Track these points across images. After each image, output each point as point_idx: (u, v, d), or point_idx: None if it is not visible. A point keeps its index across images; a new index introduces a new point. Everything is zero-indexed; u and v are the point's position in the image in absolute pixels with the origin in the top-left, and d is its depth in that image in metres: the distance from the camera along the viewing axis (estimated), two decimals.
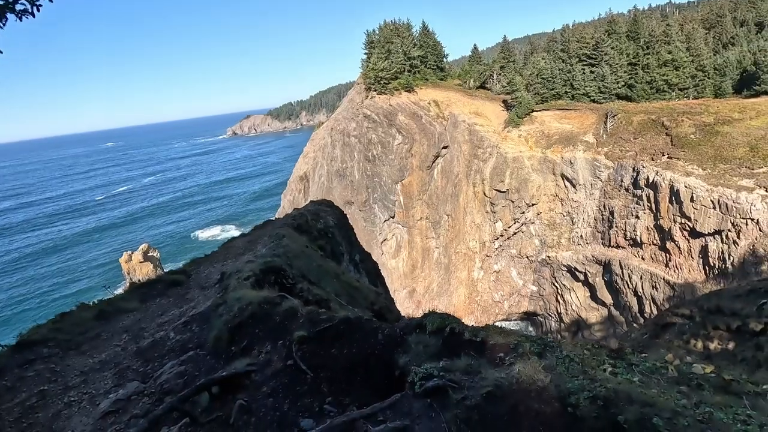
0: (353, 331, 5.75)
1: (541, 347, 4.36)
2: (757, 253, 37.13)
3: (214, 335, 6.68)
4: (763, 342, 10.80)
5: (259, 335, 6.40)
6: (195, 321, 7.83)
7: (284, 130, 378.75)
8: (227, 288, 7.76)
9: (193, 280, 11.21)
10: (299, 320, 6.29)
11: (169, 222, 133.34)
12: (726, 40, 76.87)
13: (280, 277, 8.37)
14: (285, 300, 6.86)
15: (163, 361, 6.91)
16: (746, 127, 44.37)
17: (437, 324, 5.12)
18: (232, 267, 9.39)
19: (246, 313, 6.64)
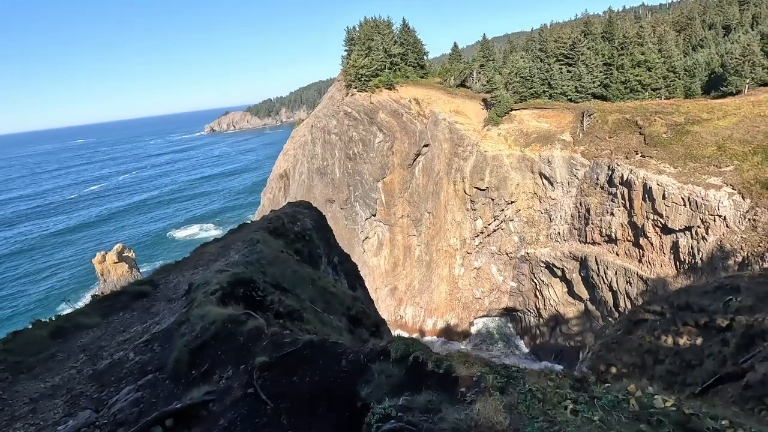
0: (317, 356, 5.56)
1: (505, 380, 4.25)
2: (724, 248, 38.52)
3: (175, 357, 6.37)
4: (728, 337, 11.12)
5: (221, 358, 6.14)
6: (157, 339, 7.43)
7: (264, 127, 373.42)
8: (192, 303, 7.40)
9: (161, 291, 10.67)
10: (263, 342, 6.05)
11: (145, 221, 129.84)
12: (695, 43, 79.34)
13: (250, 290, 8.03)
14: (250, 318, 6.58)
15: (120, 386, 6.54)
16: (714, 127, 45.89)
17: (401, 351, 4.99)
18: (201, 277, 8.97)
19: (209, 332, 6.37)
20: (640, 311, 16.61)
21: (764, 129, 42.13)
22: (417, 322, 63.61)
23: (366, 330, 10.66)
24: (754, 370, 8.47)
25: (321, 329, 7.95)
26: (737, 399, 8.39)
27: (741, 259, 36.60)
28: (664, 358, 12.15)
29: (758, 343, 8.96)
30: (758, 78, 57.84)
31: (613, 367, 14.75)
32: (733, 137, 43.04)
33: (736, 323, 10.11)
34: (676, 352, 12.04)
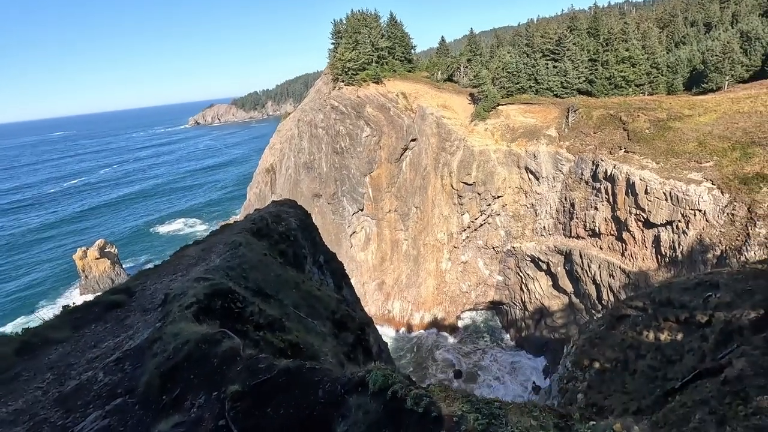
0: (292, 385, 5.35)
1: (487, 420, 4.10)
2: (704, 242, 39.45)
3: (146, 380, 6.13)
4: (708, 333, 11.34)
5: (194, 382, 5.86)
6: (129, 358, 7.11)
7: (249, 120, 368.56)
8: (167, 317, 7.09)
9: (137, 300, 10.26)
10: (237, 367, 5.82)
11: (127, 217, 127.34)
12: (678, 39, 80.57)
13: (228, 301, 7.73)
14: (225, 338, 6.34)
15: (87, 411, 6.18)
16: (695, 123, 46.77)
17: (380, 384, 4.78)
18: (178, 287, 8.59)
19: (181, 353, 6.10)
20: (623, 307, 16.83)
21: (743, 125, 43.09)
22: (404, 316, 63.92)
23: (351, 333, 10.58)
24: (732, 366, 8.64)
25: (304, 337, 7.75)
26: (715, 394, 8.56)
27: (719, 253, 37.55)
28: (646, 353, 12.37)
29: (736, 338, 9.16)
30: (737, 75, 59.11)
31: (596, 362, 14.97)
32: (713, 133, 43.93)
33: (715, 319, 10.32)
34: (657, 347, 12.26)
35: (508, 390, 51.10)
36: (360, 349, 10.94)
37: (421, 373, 54.78)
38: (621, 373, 12.59)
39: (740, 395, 7.37)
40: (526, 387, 50.87)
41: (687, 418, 7.96)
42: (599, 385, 13.05)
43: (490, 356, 57.21)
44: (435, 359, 57.47)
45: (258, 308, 7.79)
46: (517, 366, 54.88)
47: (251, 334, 7.24)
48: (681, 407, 8.36)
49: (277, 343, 7.24)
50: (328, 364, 7.08)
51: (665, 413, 8.79)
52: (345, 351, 9.66)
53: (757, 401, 6.63)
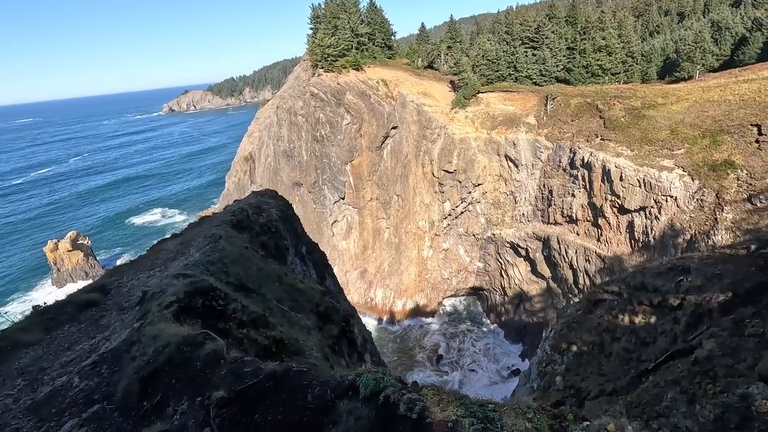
0: (280, 390, 5.15)
1: (482, 425, 4.01)
2: (675, 227, 40.93)
3: (124, 386, 5.85)
4: (679, 316, 11.82)
5: (176, 387, 5.62)
6: (106, 361, 6.71)
7: (227, 107, 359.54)
8: (146, 317, 6.84)
9: (113, 298, 9.78)
10: (221, 370, 5.59)
11: (102, 207, 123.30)
12: (652, 29, 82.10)
13: (210, 299, 7.47)
14: (208, 340, 6.10)
15: (62, 419, 5.80)
16: (668, 112, 48.03)
17: (371, 388, 4.65)
18: (156, 284, 8.28)
19: (162, 357, 5.86)
20: (599, 291, 17.31)
21: (712, 114, 44.49)
22: (387, 304, 64.43)
23: (335, 326, 10.55)
24: (702, 347, 9.05)
25: (288, 332, 7.62)
26: (686, 374, 8.97)
27: (689, 237, 39.04)
28: (621, 336, 12.83)
29: (706, 321, 9.59)
30: (708, 64, 60.78)
31: (574, 345, 15.44)
32: (684, 121, 45.23)
33: (686, 302, 10.77)
34: (632, 330, 12.72)
35: (487, 373, 52.44)
36: (345, 341, 10.94)
37: (404, 360, 55.58)
38: (597, 355, 13.04)
39: (709, 375, 7.76)
40: (506, 370, 52.29)
41: (660, 398, 8.35)
42: (576, 367, 13.50)
43: (470, 341, 58.42)
44: (418, 346, 58.34)
45: (240, 305, 7.56)
46: (497, 350, 56.27)
47: (234, 333, 7.05)
48: (654, 387, 8.75)
49: (261, 340, 7.08)
50: (314, 359, 7.00)
51: (639, 393, 9.19)
52: (330, 344, 9.63)
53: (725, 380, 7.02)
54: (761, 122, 39.88)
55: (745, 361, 7.52)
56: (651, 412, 8.78)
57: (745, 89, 45.63)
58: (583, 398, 11.92)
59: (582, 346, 14.83)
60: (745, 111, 42.23)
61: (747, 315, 8.50)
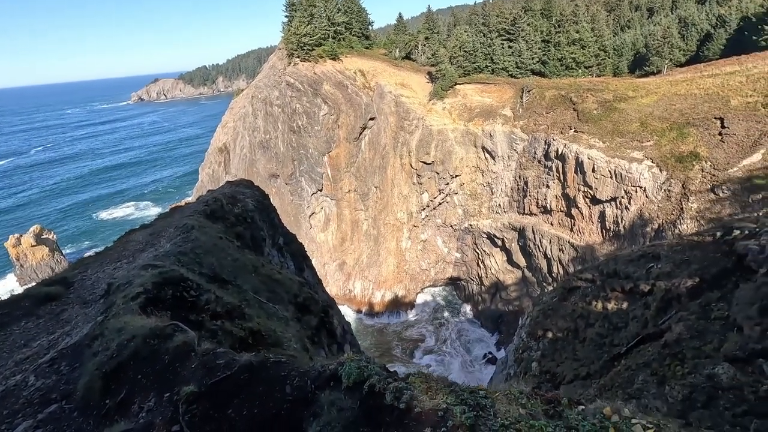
0: (256, 382, 4.82)
1: (474, 413, 3.80)
2: (644, 216, 42.43)
3: (85, 383, 5.42)
4: (650, 301, 12.22)
5: (142, 383, 5.23)
6: (65, 357, 6.24)
7: (199, 97, 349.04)
8: (109, 310, 6.44)
9: (75, 291, 9.20)
10: (192, 363, 5.22)
11: (69, 201, 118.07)
12: (623, 23, 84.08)
13: (180, 290, 7.07)
14: (177, 332, 5.71)
15: (15, 421, 5.38)
16: (638, 105, 49.45)
17: (354, 377, 4.36)
18: (123, 275, 7.80)
19: (127, 351, 5.45)
20: (574, 279, 17.70)
21: (680, 107, 46.06)
22: (366, 296, 64.55)
23: (314, 317, 10.39)
24: (671, 330, 9.39)
25: (265, 323, 7.37)
26: (656, 357, 9.28)
27: (657, 227, 40.55)
28: (594, 322, 13.19)
29: (675, 305, 9.96)
30: (675, 59, 62.82)
31: (549, 331, 15.80)
32: (653, 114, 46.68)
33: (656, 288, 11.14)
34: (605, 316, 13.09)
35: (465, 361, 53.42)
36: (324, 331, 10.78)
37: (383, 350, 55.95)
38: (572, 341, 13.39)
39: (678, 357, 8.06)
40: (483, 358, 53.38)
41: (631, 380, 8.64)
42: (552, 353, 13.84)
43: (448, 330, 59.31)
44: (397, 337, 58.81)
45: (214, 296, 7.25)
46: (474, 338, 57.35)
47: (207, 324, 6.73)
48: (626, 370, 9.05)
49: (236, 332, 6.79)
50: (293, 350, 6.81)
51: (612, 376, 9.49)
52: (309, 335, 9.46)
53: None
54: (724, 116, 41.58)
55: (711, 343, 7.84)
56: (623, 395, 9.08)
57: (709, 84, 47.39)
58: (558, 383, 12.24)
59: (557, 332, 15.18)
60: (710, 105, 43.89)
61: (713, 299, 8.86)
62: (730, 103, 42.54)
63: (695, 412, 7.21)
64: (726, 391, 7.10)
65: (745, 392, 6.80)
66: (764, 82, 42.75)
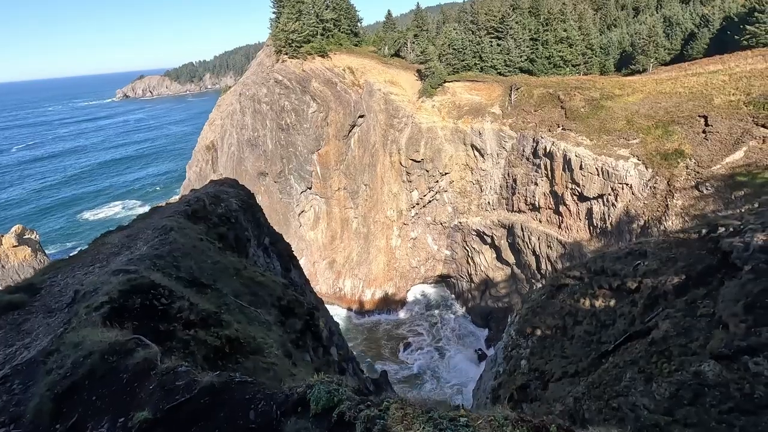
0: (217, 407, 4.43)
1: None
2: (630, 213, 42.98)
3: (35, 406, 4.98)
4: (637, 298, 12.31)
5: (97, 405, 4.78)
6: (19, 375, 5.75)
7: (186, 94, 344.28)
8: (71, 322, 6.04)
9: (42, 299, 8.63)
10: (150, 385, 4.78)
11: (53, 201, 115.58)
12: (610, 22, 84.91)
13: (150, 298, 6.66)
14: (139, 347, 5.29)
15: None
16: (624, 103, 50.03)
17: (323, 402, 4.01)
18: (91, 281, 7.34)
19: (82, 369, 5.01)
20: (562, 276, 17.77)
21: (665, 105, 46.71)
22: (356, 294, 64.40)
23: (299, 320, 10.17)
24: (658, 328, 9.43)
25: (245, 329, 7.09)
26: (643, 354, 9.32)
27: (643, 223, 41.09)
28: (582, 319, 13.24)
29: (661, 302, 10.02)
30: (660, 58, 63.66)
31: (538, 329, 15.84)
32: (639, 112, 47.26)
33: (643, 285, 11.21)
34: (593, 313, 13.15)
35: (456, 357, 53.64)
36: (309, 335, 10.55)
37: (373, 349, 55.91)
38: (560, 338, 13.43)
39: (665, 354, 8.09)
40: (474, 354, 53.67)
41: (619, 378, 8.66)
42: (541, 351, 13.88)
43: (438, 328, 59.48)
44: (387, 335, 58.80)
45: (188, 303, 6.90)
46: (465, 335, 57.62)
47: (179, 334, 6.36)
48: (614, 368, 9.07)
49: (211, 341, 6.45)
50: (273, 358, 6.57)
51: (600, 374, 9.51)
52: (293, 339, 9.23)
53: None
54: (707, 114, 42.27)
55: (698, 341, 7.89)
56: (611, 392, 9.10)
57: (693, 82, 48.13)
58: (547, 381, 12.26)
59: (546, 330, 15.22)
60: (694, 103, 44.59)
61: (699, 296, 8.92)
62: (713, 102, 43.25)
63: (682, 410, 7.23)
64: (712, 388, 7.14)
65: (731, 389, 6.83)
66: (746, 81, 43.55)
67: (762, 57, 47.53)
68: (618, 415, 8.35)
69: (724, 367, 7.30)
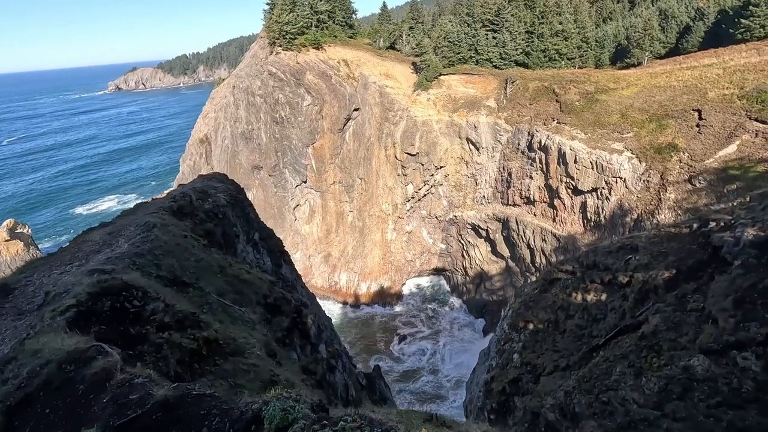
0: (170, 424, 4.15)
1: None
2: (623, 207, 43.19)
3: None
4: (628, 293, 12.35)
5: (50, 419, 4.49)
6: None
7: (179, 86, 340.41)
8: (35, 326, 5.79)
9: (13, 300, 8.28)
10: (105, 398, 4.53)
11: (48, 194, 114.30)
12: (605, 15, 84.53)
13: (122, 300, 6.37)
14: (100, 355, 5.00)
15: None
16: (619, 96, 50.04)
17: (277, 421, 3.79)
18: (64, 282, 7.07)
19: (38, 380, 4.73)
20: (555, 270, 17.82)
21: (659, 99, 46.77)
22: (351, 287, 64.49)
23: (286, 317, 10.08)
24: (648, 322, 9.47)
25: (225, 330, 6.93)
26: (633, 348, 9.36)
27: (636, 217, 41.32)
28: (574, 313, 13.30)
29: (652, 297, 10.06)
30: (655, 51, 63.54)
31: (531, 323, 15.91)
32: (633, 106, 47.31)
33: (634, 280, 11.25)
34: (584, 307, 13.20)
35: (453, 352, 53.98)
36: (296, 332, 10.45)
37: (368, 343, 56.12)
38: (552, 332, 13.49)
39: (655, 348, 8.14)
40: (470, 346, 54.01)
41: (609, 372, 8.71)
42: (533, 344, 13.94)
43: (434, 320, 59.76)
44: (382, 328, 59.00)
45: (164, 304, 6.66)
46: (460, 328, 57.94)
47: (152, 338, 6.12)
48: (604, 362, 9.13)
49: (187, 343, 6.20)
50: (255, 358, 6.44)
51: (590, 368, 9.57)
52: (278, 337, 9.12)
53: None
54: (701, 107, 42.37)
55: (687, 335, 7.93)
56: (601, 386, 9.15)
57: (688, 76, 48.16)
58: (538, 374, 12.33)
59: (538, 323, 15.29)
60: (688, 97, 44.66)
61: (689, 291, 8.97)
62: (707, 95, 43.34)
63: (671, 404, 7.27)
64: (701, 382, 7.18)
65: (720, 384, 6.87)
66: (740, 75, 43.64)
67: (756, 51, 47.59)
68: (608, 409, 8.40)
69: (712, 361, 7.34)
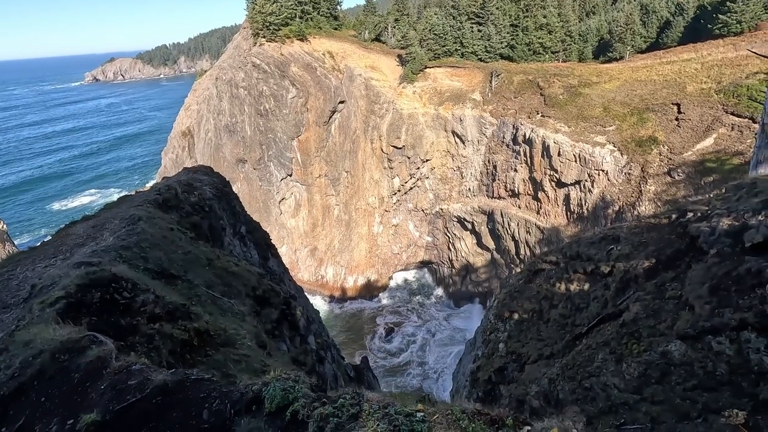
0: (170, 407, 4.24)
1: None
2: (606, 199, 44.07)
3: None
4: (610, 282, 12.64)
5: (46, 407, 4.47)
6: None
7: (160, 78, 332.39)
8: (24, 319, 5.75)
9: None
10: (102, 385, 4.59)
11: (24, 188, 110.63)
12: (588, 9, 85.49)
13: (111, 292, 6.37)
14: (93, 345, 5.03)
15: None
16: (601, 90, 50.80)
17: (278, 401, 3.92)
18: (50, 275, 6.96)
19: (32, 369, 4.77)
20: (539, 261, 18.11)
21: (640, 93, 47.65)
22: (338, 281, 64.48)
23: (275, 309, 10.09)
24: (629, 310, 9.73)
25: (216, 321, 6.93)
26: (615, 336, 9.61)
27: (618, 208, 42.21)
28: (558, 303, 13.57)
29: (632, 286, 10.34)
30: (637, 46, 64.61)
31: (516, 313, 16.19)
32: (615, 99, 48.11)
33: (616, 269, 11.52)
34: (567, 297, 13.47)
35: (439, 343, 54.60)
36: (286, 324, 10.47)
37: (355, 336, 56.31)
38: (536, 322, 13.75)
39: (635, 335, 8.39)
40: (456, 337, 54.70)
41: (591, 359, 8.95)
42: (518, 334, 14.20)
43: (421, 312, 60.27)
44: (369, 321, 59.26)
45: (154, 295, 6.68)
46: (446, 319, 58.58)
47: (143, 329, 6.17)
48: (587, 350, 9.37)
49: (178, 334, 6.25)
50: (246, 349, 6.48)
51: (573, 356, 9.81)
52: (268, 329, 9.12)
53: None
54: (680, 101, 43.34)
55: (665, 322, 8.18)
56: (583, 373, 9.39)
57: (668, 70, 49.15)
58: (523, 363, 12.58)
59: (523, 313, 15.56)
60: (668, 91, 45.62)
61: (668, 279, 9.23)
62: (686, 89, 44.34)
63: (649, 388, 7.51)
64: (678, 367, 7.43)
65: (695, 368, 7.12)
66: (717, 70, 44.72)
67: (733, 46, 48.78)
68: (590, 395, 8.63)
69: (689, 346, 7.58)
